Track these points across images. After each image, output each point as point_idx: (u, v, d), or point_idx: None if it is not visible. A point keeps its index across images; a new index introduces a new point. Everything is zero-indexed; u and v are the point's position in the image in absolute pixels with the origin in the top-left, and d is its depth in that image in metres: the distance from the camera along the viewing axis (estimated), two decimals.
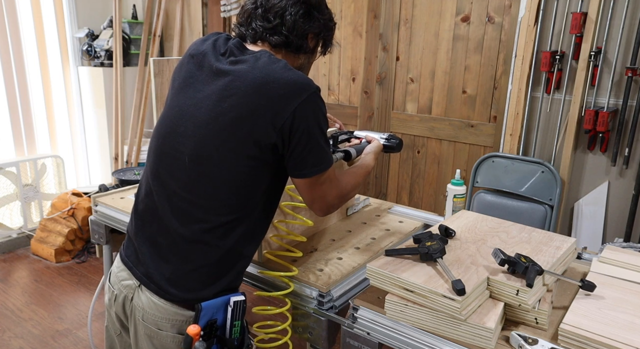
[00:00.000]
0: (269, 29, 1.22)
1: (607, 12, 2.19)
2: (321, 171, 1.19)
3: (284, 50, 1.24)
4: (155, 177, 1.23)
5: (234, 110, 1.12)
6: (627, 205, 2.28)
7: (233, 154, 1.14)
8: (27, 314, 2.80)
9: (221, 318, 1.18)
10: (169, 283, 1.18)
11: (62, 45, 3.74)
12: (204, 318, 1.15)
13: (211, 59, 1.20)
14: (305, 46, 1.27)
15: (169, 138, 1.21)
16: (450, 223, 1.45)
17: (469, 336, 1.08)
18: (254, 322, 2.82)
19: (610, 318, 1.09)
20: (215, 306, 1.16)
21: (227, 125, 1.13)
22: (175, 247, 1.18)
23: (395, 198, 3.14)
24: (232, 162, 1.14)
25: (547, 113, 2.44)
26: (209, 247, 1.17)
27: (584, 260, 1.52)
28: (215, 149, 1.14)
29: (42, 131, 3.77)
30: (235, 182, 1.15)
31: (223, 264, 1.19)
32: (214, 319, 1.16)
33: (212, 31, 3.72)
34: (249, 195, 1.18)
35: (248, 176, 1.16)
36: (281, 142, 1.14)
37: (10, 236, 3.57)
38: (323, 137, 1.19)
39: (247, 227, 1.20)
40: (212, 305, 1.16)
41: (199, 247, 1.17)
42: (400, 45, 2.94)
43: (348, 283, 1.40)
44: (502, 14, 2.57)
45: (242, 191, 1.17)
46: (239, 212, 1.18)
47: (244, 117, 1.12)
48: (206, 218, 1.16)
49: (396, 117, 3.04)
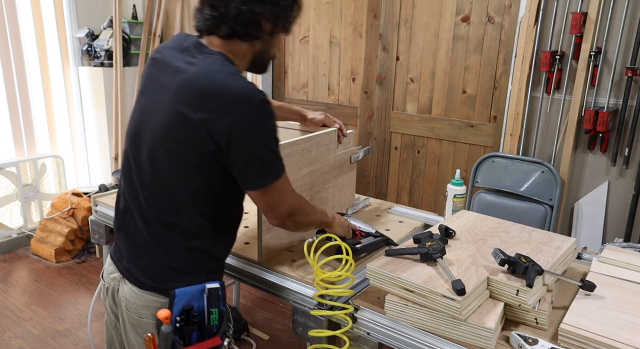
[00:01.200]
0: (217, 18, 1.20)
1: (607, 12, 2.19)
2: (264, 184, 1.18)
3: (235, 39, 1.22)
4: (126, 179, 1.29)
5: (179, 117, 1.14)
6: (627, 205, 2.28)
7: (181, 158, 1.17)
8: (27, 314, 2.80)
9: (198, 305, 1.22)
10: (146, 277, 1.25)
11: (62, 45, 3.74)
12: (179, 304, 1.19)
13: (172, 60, 1.22)
14: (259, 32, 1.23)
15: (133, 142, 1.26)
16: (450, 223, 1.45)
17: (469, 336, 1.08)
18: (254, 321, 2.81)
19: (610, 318, 1.09)
20: (190, 293, 1.20)
21: (173, 131, 1.16)
22: (146, 246, 1.25)
23: (395, 198, 3.14)
24: (180, 166, 1.18)
25: (547, 113, 2.44)
26: (174, 246, 1.22)
27: (584, 260, 1.52)
28: (164, 154, 1.18)
29: (42, 131, 3.77)
30: (186, 185, 1.19)
31: (190, 261, 1.24)
32: (190, 305, 1.20)
33: None
34: (203, 196, 1.21)
35: (198, 179, 1.19)
36: (220, 152, 1.15)
37: (10, 236, 3.57)
38: (267, 151, 1.16)
39: (208, 227, 1.23)
40: (186, 292, 1.20)
41: (165, 246, 1.23)
42: (400, 45, 2.94)
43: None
44: (502, 14, 2.57)
45: (196, 193, 1.20)
46: (195, 213, 1.21)
47: (187, 125, 1.13)
48: (167, 219, 1.21)
49: (396, 117, 3.04)
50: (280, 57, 3.54)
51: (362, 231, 1.55)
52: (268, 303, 2.94)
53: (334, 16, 3.20)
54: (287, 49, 3.50)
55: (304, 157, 1.53)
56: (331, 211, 1.48)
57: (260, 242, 1.45)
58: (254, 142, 1.14)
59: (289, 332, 2.66)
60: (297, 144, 1.50)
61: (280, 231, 1.51)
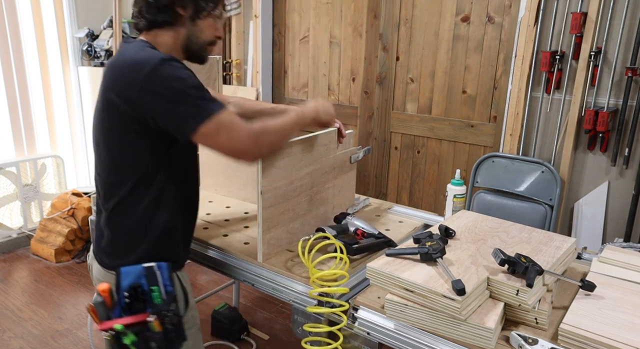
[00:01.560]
0: (138, 14, 1.31)
1: (607, 12, 2.19)
2: (200, 121, 1.20)
3: (155, 30, 1.31)
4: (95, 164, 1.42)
5: (101, 95, 1.27)
6: (627, 205, 2.28)
7: (110, 133, 1.27)
8: (27, 314, 2.80)
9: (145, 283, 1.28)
10: (104, 253, 1.37)
11: (62, 45, 3.74)
12: (125, 281, 1.27)
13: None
14: (173, 19, 1.30)
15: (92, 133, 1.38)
16: (450, 223, 1.45)
17: (469, 336, 1.08)
18: (254, 321, 2.81)
19: (610, 318, 1.09)
20: (135, 272, 1.27)
21: (100, 110, 1.29)
22: (104, 221, 1.36)
23: (395, 198, 3.14)
24: (112, 142, 1.28)
25: (547, 113, 2.44)
26: (123, 218, 1.32)
27: (584, 260, 1.52)
28: (100, 133, 1.30)
29: (42, 131, 3.76)
30: (121, 159, 1.28)
31: (135, 233, 1.33)
32: (137, 283, 1.27)
33: None
34: (138, 169, 1.28)
35: (129, 152, 1.27)
36: (142, 117, 1.21)
37: (10, 236, 3.57)
38: (186, 96, 1.20)
39: (150, 198, 1.31)
40: (131, 270, 1.27)
41: (116, 219, 1.33)
42: (400, 45, 2.94)
43: (348, 282, 1.40)
44: (502, 14, 2.57)
45: (131, 166, 1.28)
46: (134, 185, 1.29)
47: (107, 100, 1.24)
48: (113, 193, 1.31)
49: (396, 117, 3.04)
50: (280, 57, 3.54)
51: (365, 232, 1.55)
52: (268, 303, 2.94)
53: (334, 16, 3.20)
54: (287, 49, 3.50)
55: (304, 157, 1.53)
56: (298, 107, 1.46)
57: (260, 242, 1.45)
58: (168, 93, 1.19)
59: (289, 332, 2.66)
60: (297, 144, 1.50)
61: (280, 231, 1.51)
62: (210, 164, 2.05)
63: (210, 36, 1.37)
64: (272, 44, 3.56)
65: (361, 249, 1.47)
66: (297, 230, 1.58)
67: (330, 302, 1.28)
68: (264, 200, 1.42)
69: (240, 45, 3.62)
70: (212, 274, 3.24)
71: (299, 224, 1.58)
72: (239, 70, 3.67)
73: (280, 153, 1.41)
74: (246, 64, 3.65)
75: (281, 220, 1.50)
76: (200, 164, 2.09)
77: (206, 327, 2.67)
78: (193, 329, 1.43)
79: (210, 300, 2.93)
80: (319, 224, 1.66)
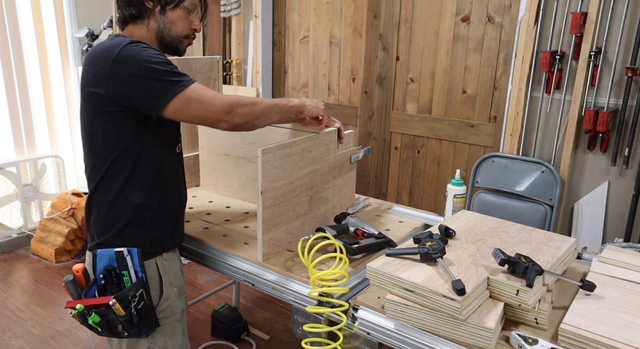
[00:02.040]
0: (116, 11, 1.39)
1: (607, 12, 2.19)
2: (173, 94, 1.24)
3: (130, 25, 1.39)
4: None
5: (81, 82, 1.34)
6: (627, 205, 2.28)
7: (88, 115, 1.34)
8: (27, 314, 2.80)
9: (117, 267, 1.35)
10: (90, 236, 1.44)
11: (62, 45, 3.74)
12: (100, 264, 1.34)
13: None
14: (142, 11, 1.36)
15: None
16: (450, 223, 1.45)
17: (469, 336, 1.08)
18: (254, 321, 2.81)
19: (610, 318, 1.09)
20: (108, 255, 1.34)
21: (81, 99, 1.36)
22: (87, 203, 1.43)
23: (395, 198, 3.14)
24: (90, 123, 1.35)
25: (547, 113, 2.44)
26: (103, 197, 1.38)
27: (584, 260, 1.52)
28: (81, 116, 1.37)
29: (42, 131, 3.76)
30: (98, 140, 1.35)
31: (114, 211, 1.38)
32: (111, 266, 1.34)
33: (212, 31, 3.73)
34: (115, 149, 1.34)
35: (105, 132, 1.33)
36: (116, 99, 1.27)
37: (10, 236, 3.57)
38: (155, 71, 1.24)
39: (125, 175, 1.36)
40: (105, 253, 1.34)
41: (95, 201, 1.40)
42: (400, 45, 2.94)
43: (348, 282, 1.40)
44: (502, 14, 2.57)
45: (108, 147, 1.34)
46: (110, 164, 1.35)
47: (85, 85, 1.31)
48: (94, 175, 1.38)
49: (396, 117, 3.04)
50: (280, 57, 3.54)
51: (365, 232, 1.55)
52: (268, 303, 2.94)
53: (334, 16, 3.20)
54: (287, 49, 3.50)
55: (304, 157, 1.53)
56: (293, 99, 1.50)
57: (260, 242, 1.45)
58: (136, 72, 1.24)
59: (289, 332, 2.66)
60: (297, 144, 1.50)
61: (280, 231, 1.51)
62: (210, 164, 2.05)
63: (183, 29, 1.41)
64: (272, 44, 3.56)
65: (361, 249, 1.47)
66: (297, 230, 1.58)
67: (330, 302, 1.28)
68: (264, 200, 1.42)
69: (240, 45, 3.62)
70: (212, 274, 3.24)
71: (299, 224, 1.58)
72: (239, 70, 3.67)
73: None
74: (246, 64, 3.65)
75: (281, 220, 1.50)
76: (200, 164, 2.10)
77: (206, 327, 2.67)
78: (170, 320, 1.45)
79: (210, 300, 2.93)
80: (319, 224, 1.66)
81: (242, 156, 1.91)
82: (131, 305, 1.31)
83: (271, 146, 1.41)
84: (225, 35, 3.69)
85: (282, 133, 1.73)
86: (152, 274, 1.41)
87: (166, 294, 1.43)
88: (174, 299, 1.46)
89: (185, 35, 1.42)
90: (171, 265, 1.47)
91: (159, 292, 1.42)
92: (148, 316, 1.37)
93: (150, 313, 1.38)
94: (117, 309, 1.30)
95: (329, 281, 1.33)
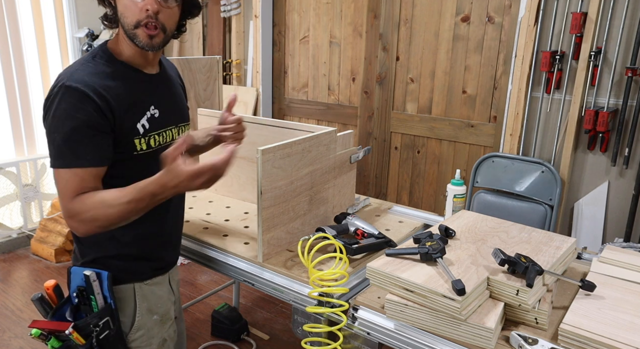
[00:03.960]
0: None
1: (607, 12, 2.19)
2: (53, 165, 1.17)
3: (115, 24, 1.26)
4: None
5: None
6: (627, 205, 2.28)
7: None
8: (27, 314, 2.80)
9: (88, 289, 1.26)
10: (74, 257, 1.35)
11: (62, 45, 3.74)
12: (73, 282, 1.26)
13: None
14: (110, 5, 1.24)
15: None
16: (450, 223, 1.45)
17: (469, 336, 1.08)
18: (254, 321, 2.81)
19: (610, 318, 1.09)
20: (80, 274, 1.25)
21: None
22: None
23: (395, 198, 3.14)
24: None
25: (547, 113, 2.44)
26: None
27: (584, 260, 1.52)
28: None
29: (42, 131, 3.75)
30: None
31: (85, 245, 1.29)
32: (83, 287, 1.25)
33: (212, 31, 3.73)
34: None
35: None
36: None
37: (10, 236, 3.57)
38: (59, 135, 1.14)
39: None
40: (78, 271, 1.25)
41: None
42: (400, 45, 2.94)
43: (348, 282, 1.40)
44: (502, 14, 2.57)
45: None
46: None
47: None
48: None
49: (396, 117, 3.04)
50: (280, 57, 3.54)
51: (365, 232, 1.55)
52: (268, 303, 2.94)
53: (334, 16, 3.20)
54: (287, 49, 3.50)
55: (304, 157, 1.53)
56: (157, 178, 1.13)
57: (260, 242, 1.45)
58: (50, 121, 1.16)
59: (289, 332, 2.66)
60: (297, 144, 1.50)
61: (280, 231, 1.51)
62: None
63: (133, 16, 1.17)
64: (272, 44, 3.56)
65: (361, 249, 1.47)
66: (297, 230, 1.58)
67: (330, 302, 1.28)
68: (264, 200, 1.42)
69: (240, 45, 3.62)
70: (212, 274, 3.24)
71: (299, 224, 1.58)
72: (239, 70, 3.67)
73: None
74: (246, 64, 3.65)
75: (281, 220, 1.50)
76: None
77: (206, 327, 2.67)
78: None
79: (210, 300, 2.93)
80: (319, 224, 1.66)
81: (242, 156, 1.91)
82: (92, 334, 1.21)
83: (271, 146, 1.41)
84: (225, 35, 3.69)
85: (282, 133, 1.73)
86: (125, 299, 1.30)
87: (139, 323, 1.31)
88: (150, 328, 1.34)
89: (136, 23, 1.17)
90: (155, 290, 1.35)
91: (132, 320, 1.30)
92: (115, 345, 1.26)
93: (118, 342, 1.27)
94: (75, 339, 1.21)
95: (329, 281, 1.33)
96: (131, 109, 1.23)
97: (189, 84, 2.06)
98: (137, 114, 1.25)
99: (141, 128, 1.25)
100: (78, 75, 1.16)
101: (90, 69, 1.19)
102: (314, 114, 3.45)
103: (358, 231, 1.56)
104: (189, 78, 2.05)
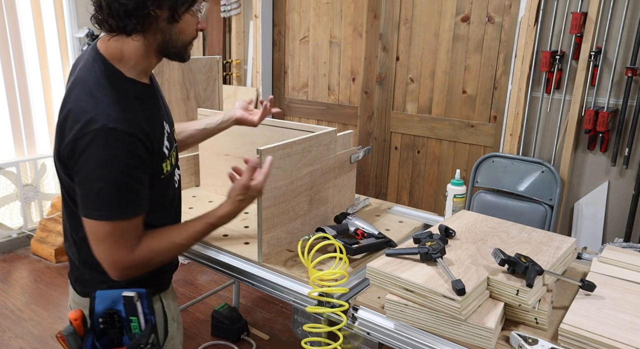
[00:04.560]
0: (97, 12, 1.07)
1: (607, 12, 2.19)
2: (99, 218, 1.05)
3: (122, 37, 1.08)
4: None
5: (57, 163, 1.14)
6: (627, 205, 2.28)
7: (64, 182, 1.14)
8: (27, 314, 2.80)
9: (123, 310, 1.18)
10: (78, 282, 1.26)
11: (62, 45, 3.74)
12: (100, 306, 1.16)
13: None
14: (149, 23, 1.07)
15: None
16: (450, 223, 1.45)
17: (469, 336, 1.08)
18: (254, 321, 2.80)
19: (610, 318, 1.09)
20: (111, 297, 1.15)
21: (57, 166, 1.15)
22: (76, 252, 1.22)
23: (395, 198, 3.14)
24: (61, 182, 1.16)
25: (547, 113, 2.44)
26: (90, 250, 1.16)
27: (584, 260, 1.52)
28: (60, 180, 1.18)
29: (42, 131, 3.76)
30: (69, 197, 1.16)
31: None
32: (113, 309, 1.16)
33: (212, 31, 3.73)
34: None
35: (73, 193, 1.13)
36: (69, 171, 1.08)
37: (10, 236, 3.57)
38: (106, 185, 1.03)
39: None
40: (107, 295, 1.15)
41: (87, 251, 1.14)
42: (400, 45, 2.94)
43: (348, 282, 1.40)
44: (502, 14, 2.57)
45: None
46: None
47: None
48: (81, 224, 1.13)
49: (396, 117, 3.04)
50: (280, 57, 3.54)
51: (365, 232, 1.55)
52: (268, 303, 2.94)
53: (334, 16, 3.20)
54: (287, 49, 3.50)
55: (304, 157, 1.53)
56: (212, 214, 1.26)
57: (260, 242, 1.45)
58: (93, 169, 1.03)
59: (289, 332, 2.66)
60: (297, 144, 1.50)
61: (280, 231, 1.51)
62: (210, 164, 2.05)
63: (192, 34, 1.16)
64: (272, 44, 3.56)
65: (361, 249, 1.47)
66: (297, 230, 1.58)
67: (330, 302, 1.28)
68: (264, 200, 1.42)
69: (240, 45, 3.62)
70: (212, 274, 3.24)
71: (299, 224, 1.58)
72: (239, 70, 3.67)
73: None
74: (246, 64, 3.65)
75: (281, 220, 1.50)
76: (200, 164, 2.10)
77: (206, 327, 2.67)
78: None
79: (210, 300, 2.93)
80: (319, 224, 1.66)
81: (243, 156, 1.90)
82: None
83: (271, 146, 1.41)
84: (225, 35, 3.69)
85: (282, 133, 1.73)
86: (157, 312, 1.26)
87: (171, 333, 1.30)
88: (175, 336, 1.34)
89: (191, 39, 1.17)
90: (171, 297, 1.34)
91: (164, 332, 1.28)
92: None
93: None
94: None
95: (329, 281, 1.33)
96: (156, 132, 1.14)
97: (189, 84, 2.06)
98: (160, 136, 1.16)
99: (166, 150, 1.18)
100: (116, 113, 1.03)
101: (115, 98, 1.06)
102: (314, 114, 3.45)
103: (358, 231, 1.56)
104: (189, 78, 2.05)
